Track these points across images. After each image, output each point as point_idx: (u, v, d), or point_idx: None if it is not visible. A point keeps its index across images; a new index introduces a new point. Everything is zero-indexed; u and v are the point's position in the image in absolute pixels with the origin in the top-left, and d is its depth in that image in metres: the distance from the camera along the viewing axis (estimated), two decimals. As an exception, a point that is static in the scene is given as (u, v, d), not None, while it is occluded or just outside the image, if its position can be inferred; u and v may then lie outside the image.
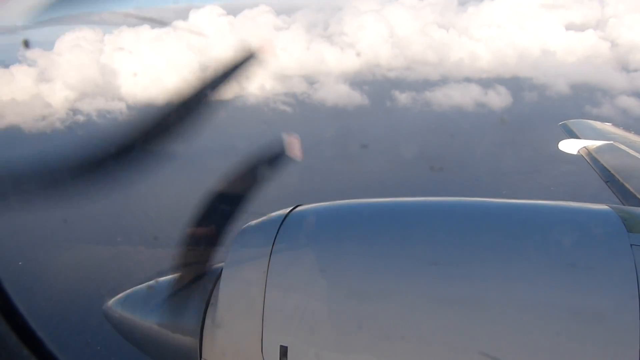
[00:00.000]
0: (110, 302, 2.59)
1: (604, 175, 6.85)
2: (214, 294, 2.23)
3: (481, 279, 1.88)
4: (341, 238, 2.17)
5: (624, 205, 5.59)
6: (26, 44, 1.83)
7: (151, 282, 2.56)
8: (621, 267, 1.79)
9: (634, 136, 8.60)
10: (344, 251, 2.09)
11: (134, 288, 2.57)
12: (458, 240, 2.02)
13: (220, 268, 2.28)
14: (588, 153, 7.97)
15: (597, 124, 9.90)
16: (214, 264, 2.41)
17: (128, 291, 2.58)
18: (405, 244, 2.06)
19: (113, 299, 2.59)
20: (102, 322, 2.62)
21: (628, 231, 1.93)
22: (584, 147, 8.27)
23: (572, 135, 9.14)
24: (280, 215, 2.32)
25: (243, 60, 1.99)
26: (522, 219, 2.15)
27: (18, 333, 1.80)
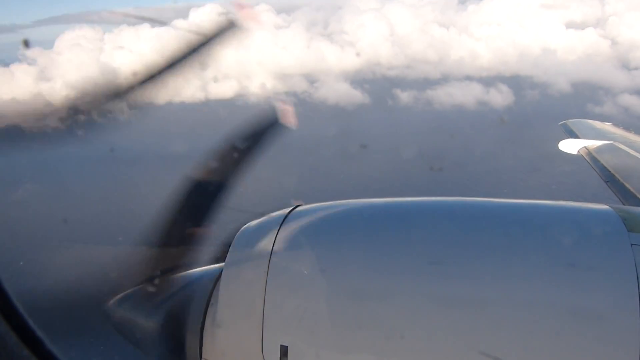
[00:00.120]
0: (110, 302, 2.59)
1: (604, 175, 6.85)
2: (214, 294, 2.23)
3: (481, 279, 1.88)
4: (341, 238, 2.17)
5: (624, 205, 5.60)
6: (26, 44, 1.83)
7: (151, 282, 2.55)
8: (621, 267, 1.79)
9: (634, 136, 8.60)
10: (344, 251, 2.09)
11: (134, 288, 2.57)
12: (458, 240, 2.02)
13: (220, 268, 2.28)
14: (588, 153, 7.98)
15: (597, 124, 9.90)
16: (199, 262, 2.41)
17: (128, 291, 2.58)
18: (405, 244, 2.06)
19: (113, 299, 2.59)
20: (103, 322, 2.61)
21: (628, 231, 1.93)
22: (584, 147, 8.27)
23: (572, 135, 9.14)
24: (280, 215, 2.31)
25: (225, 26, 1.96)
26: (522, 219, 2.15)
27: (18, 333, 1.80)
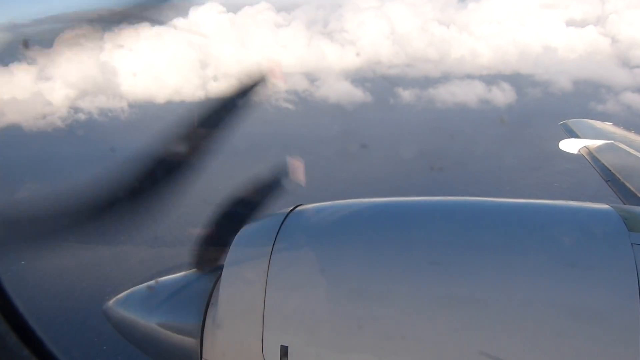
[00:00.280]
0: (110, 302, 2.59)
1: (605, 174, 6.85)
2: (215, 294, 2.23)
3: (482, 279, 1.88)
4: (342, 238, 2.16)
5: (625, 204, 5.60)
6: (26, 44, 1.82)
7: (151, 282, 2.55)
8: (622, 266, 1.79)
9: (634, 135, 8.61)
10: (345, 251, 2.09)
11: (134, 288, 2.56)
12: (458, 239, 2.02)
13: (220, 268, 2.28)
14: (589, 152, 7.98)
15: (597, 124, 9.91)
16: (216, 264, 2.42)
17: (128, 291, 2.57)
18: (406, 244, 2.06)
19: (113, 299, 2.59)
20: (103, 322, 2.61)
21: (629, 230, 1.93)
22: (585, 147, 8.28)
23: (573, 134, 9.14)
24: (280, 215, 2.31)
25: (253, 84, 2.01)
26: (523, 218, 2.15)
27: (18, 333, 1.80)
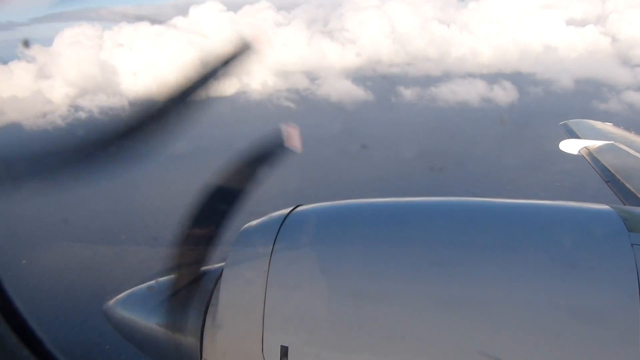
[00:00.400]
0: (110, 302, 2.59)
1: (605, 175, 6.84)
2: (215, 294, 2.23)
3: (482, 279, 1.88)
4: (342, 238, 2.17)
5: (625, 205, 5.60)
6: (26, 44, 1.81)
7: (151, 282, 2.55)
8: (622, 267, 1.79)
9: (635, 136, 8.60)
10: (345, 251, 2.09)
11: (134, 288, 2.57)
12: (459, 240, 2.02)
13: (220, 268, 2.28)
14: (589, 153, 7.97)
15: (598, 124, 9.89)
16: (211, 264, 2.41)
17: (128, 291, 2.58)
18: (406, 244, 2.06)
19: (113, 299, 2.59)
20: (104, 322, 2.62)
21: (629, 231, 1.93)
22: (585, 147, 8.26)
23: (573, 135, 9.13)
24: (280, 215, 2.32)
25: (238, 52, 1.96)
26: (523, 219, 2.15)
27: (18, 333, 1.81)
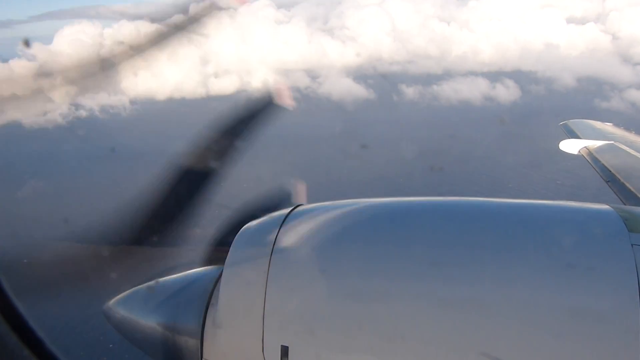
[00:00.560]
0: (110, 302, 2.59)
1: (605, 175, 6.84)
2: (215, 295, 2.23)
3: (482, 279, 1.88)
4: (342, 238, 2.17)
5: (625, 205, 5.59)
6: (27, 43, 1.81)
7: (151, 282, 2.55)
8: (622, 267, 1.79)
9: (635, 136, 8.60)
10: (345, 251, 2.09)
11: (134, 288, 2.56)
12: (459, 240, 2.02)
13: (220, 268, 2.28)
14: (589, 153, 7.97)
15: (598, 124, 9.89)
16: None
17: (128, 291, 2.57)
18: (406, 244, 2.06)
19: (113, 299, 2.59)
20: (103, 322, 2.61)
21: (629, 231, 1.92)
22: (585, 147, 8.26)
23: (573, 135, 9.13)
24: (280, 215, 2.31)
25: (262, 106, 2.01)
26: (523, 219, 2.15)
27: (18, 333, 1.80)
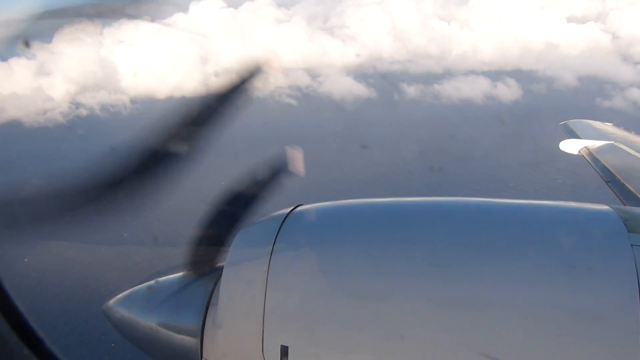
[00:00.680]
0: (110, 302, 2.60)
1: (605, 175, 6.84)
2: (215, 294, 2.23)
3: (481, 280, 1.88)
4: (342, 238, 2.17)
5: (625, 205, 5.59)
6: (27, 44, 1.81)
7: (151, 282, 2.56)
8: (622, 268, 1.79)
9: (635, 136, 8.60)
10: (345, 251, 2.09)
11: (134, 288, 2.57)
12: (459, 240, 2.02)
13: (220, 268, 2.28)
14: (589, 153, 7.97)
15: (598, 124, 9.90)
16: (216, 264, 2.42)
17: (128, 291, 2.58)
18: (406, 244, 2.06)
19: (113, 299, 2.59)
20: (104, 322, 2.62)
21: (629, 231, 1.93)
22: (585, 147, 8.26)
23: (573, 135, 9.13)
24: (280, 215, 2.32)
25: (249, 74, 1.99)
26: (522, 219, 2.15)
27: (18, 333, 1.81)
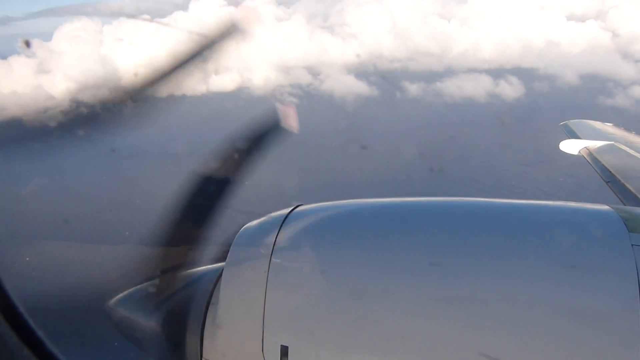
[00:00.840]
0: (110, 302, 2.60)
1: (605, 175, 6.84)
2: (215, 294, 2.23)
3: (482, 280, 1.88)
4: (342, 238, 2.17)
5: (625, 205, 5.59)
6: (27, 44, 1.81)
7: (151, 282, 2.56)
8: (622, 268, 1.79)
9: (635, 136, 8.59)
10: (345, 251, 2.09)
11: (134, 288, 2.57)
12: (459, 240, 2.02)
13: (220, 268, 2.28)
14: (589, 153, 7.97)
15: (598, 124, 9.88)
16: (199, 264, 2.41)
17: (128, 291, 2.58)
18: (406, 245, 2.06)
19: (113, 299, 2.60)
20: (104, 322, 2.62)
21: (629, 231, 1.92)
22: (585, 148, 8.26)
23: (573, 135, 9.13)
24: (281, 215, 2.31)
25: (226, 32, 1.93)
26: (523, 220, 2.16)
27: (18, 333, 1.81)
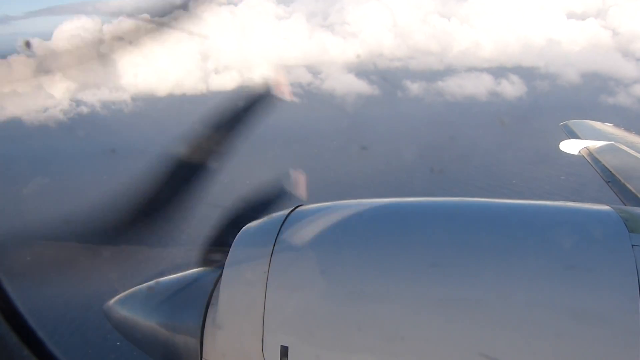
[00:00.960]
0: (110, 302, 2.59)
1: (605, 175, 6.85)
2: (215, 295, 2.23)
3: (482, 280, 1.88)
4: (342, 238, 2.17)
5: (625, 205, 5.60)
6: (27, 45, 1.80)
7: (151, 282, 2.55)
8: (622, 268, 1.78)
9: (635, 136, 8.61)
10: (345, 252, 2.09)
11: (134, 288, 2.57)
12: (459, 241, 2.02)
13: (220, 268, 2.28)
14: (589, 153, 7.98)
15: (598, 124, 9.91)
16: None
17: (128, 291, 2.58)
18: (406, 245, 2.06)
19: (113, 299, 2.59)
20: (104, 322, 2.61)
21: (629, 231, 1.92)
22: (585, 148, 8.27)
23: (573, 135, 9.15)
24: (281, 215, 2.32)
25: (258, 97, 1.99)
26: (522, 220, 2.15)
27: (18, 333, 1.80)
